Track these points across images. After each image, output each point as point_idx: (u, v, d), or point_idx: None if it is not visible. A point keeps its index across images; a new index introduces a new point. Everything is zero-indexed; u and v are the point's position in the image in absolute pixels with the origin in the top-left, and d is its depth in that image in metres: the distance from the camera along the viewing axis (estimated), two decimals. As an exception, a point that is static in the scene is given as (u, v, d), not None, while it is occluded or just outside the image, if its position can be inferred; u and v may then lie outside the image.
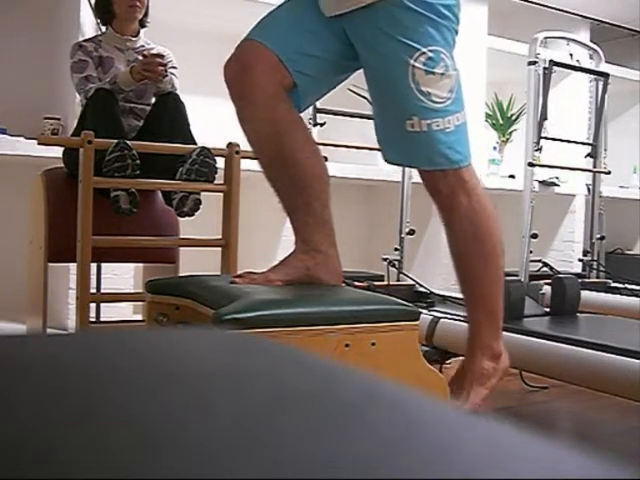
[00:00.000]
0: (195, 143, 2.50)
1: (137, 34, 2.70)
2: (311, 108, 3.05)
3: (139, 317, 2.98)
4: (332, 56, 1.71)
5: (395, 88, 1.60)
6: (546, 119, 3.52)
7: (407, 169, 3.83)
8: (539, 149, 3.55)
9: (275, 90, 1.63)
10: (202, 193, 2.46)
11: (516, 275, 3.22)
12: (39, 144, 2.36)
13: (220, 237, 2.48)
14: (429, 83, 1.58)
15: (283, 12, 1.74)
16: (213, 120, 3.87)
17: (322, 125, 3.21)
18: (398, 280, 3.63)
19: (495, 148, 4.81)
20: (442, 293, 3.29)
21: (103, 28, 2.80)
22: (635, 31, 5.29)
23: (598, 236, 4.13)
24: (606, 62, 4.14)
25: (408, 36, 1.57)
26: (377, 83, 1.68)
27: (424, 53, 1.57)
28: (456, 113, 1.62)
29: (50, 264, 2.48)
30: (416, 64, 1.56)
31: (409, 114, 1.59)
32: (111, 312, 2.94)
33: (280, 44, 1.66)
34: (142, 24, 2.72)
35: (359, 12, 1.61)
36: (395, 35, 1.57)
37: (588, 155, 4.02)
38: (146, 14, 2.71)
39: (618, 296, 3.54)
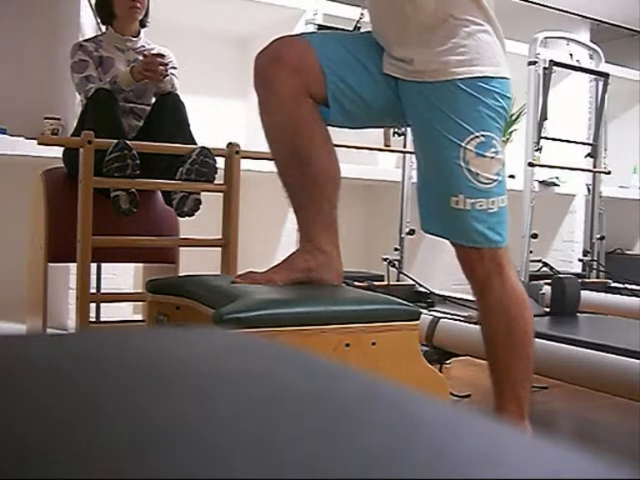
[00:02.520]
0: (195, 143, 2.50)
1: (137, 34, 2.70)
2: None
3: (139, 317, 2.97)
4: (373, 102, 1.70)
5: (444, 164, 1.61)
6: (546, 119, 3.52)
7: (407, 169, 3.83)
8: (539, 149, 3.55)
9: (301, 89, 1.62)
10: (202, 193, 2.46)
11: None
12: (39, 144, 2.36)
13: (220, 237, 2.48)
14: (478, 165, 1.60)
15: (346, 37, 1.75)
16: (213, 120, 3.88)
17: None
18: (398, 280, 3.63)
19: (495, 148, 4.80)
20: (442, 293, 3.30)
21: (103, 28, 2.80)
22: (635, 31, 5.29)
23: (598, 236, 4.14)
24: (606, 62, 4.14)
25: (462, 118, 1.59)
26: (425, 155, 1.69)
27: (477, 137, 1.59)
28: (500, 195, 1.65)
29: (50, 264, 2.48)
30: (468, 146, 1.59)
31: (455, 191, 1.61)
32: (111, 312, 2.94)
33: (328, 57, 1.65)
34: (142, 24, 2.72)
35: (418, 83, 1.63)
36: (449, 114, 1.59)
37: (588, 155, 4.02)
38: (146, 14, 2.71)
39: (618, 296, 3.55)
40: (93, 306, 2.86)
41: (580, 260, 4.29)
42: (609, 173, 4.08)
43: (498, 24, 1.66)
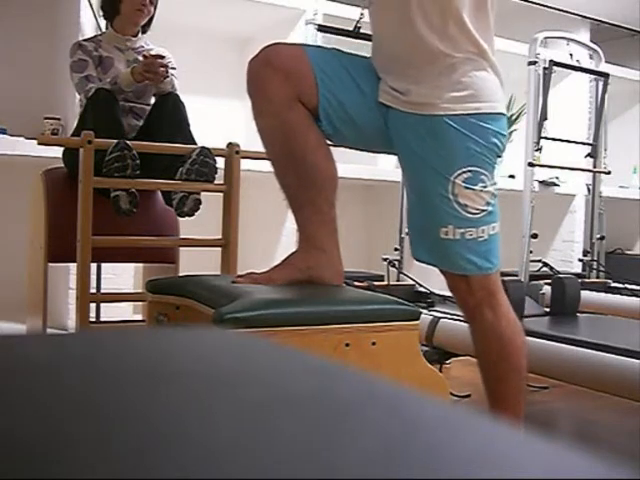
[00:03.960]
0: (195, 143, 2.50)
1: (136, 34, 2.70)
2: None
3: (139, 317, 2.98)
4: (364, 125, 1.70)
5: (432, 195, 1.62)
6: (546, 119, 3.52)
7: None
8: (539, 149, 3.55)
9: (294, 95, 1.62)
10: (202, 193, 2.46)
11: (516, 275, 3.23)
12: (39, 144, 2.36)
13: (220, 237, 2.48)
14: (467, 196, 1.60)
15: (346, 55, 1.74)
16: (213, 120, 3.88)
17: (322, 125, 3.20)
18: (398, 280, 3.63)
19: (495, 148, 4.80)
20: (442, 293, 3.29)
21: (103, 27, 2.79)
22: (635, 31, 5.29)
23: (598, 236, 4.13)
24: (606, 62, 4.14)
25: (451, 153, 1.60)
26: (414, 186, 1.70)
27: (464, 172, 1.59)
28: (491, 223, 1.64)
29: (50, 264, 2.48)
30: (456, 180, 1.59)
31: (444, 222, 1.61)
32: (111, 312, 2.94)
33: (324, 72, 1.64)
34: (143, 30, 2.72)
35: (409, 114, 1.63)
36: (437, 149, 1.60)
37: (588, 155, 4.02)
38: (149, 23, 2.71)
39: (618, 296, 3.54)
40: (93, 306, 2.86)
41: (580, 260, 4.29)
42: (609, 173, 4.08)
43: (495, 61, 1.66)
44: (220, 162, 2.46)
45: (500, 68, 1.67)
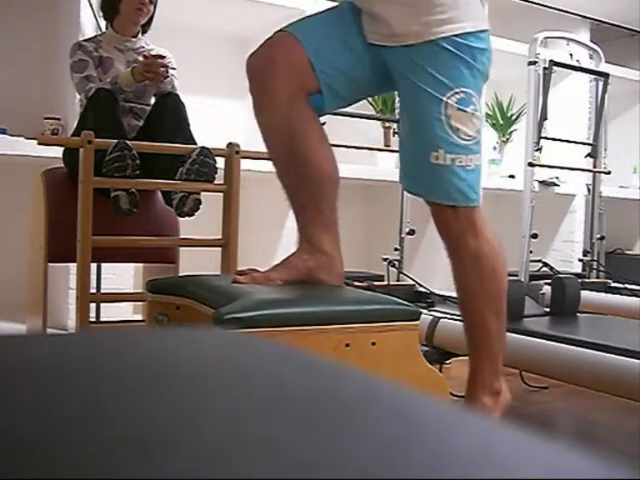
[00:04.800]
0: (195, 143, 2.50)
1: (136, 35, 2.70)
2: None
3: (139, 317, 2.97)
4: (363, 78, 1.74)
5: (426, 118, 1.65)
6: (546, 119, 3.52)
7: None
8: (539, 149, 3.55)
9: (296, 89, 1.64)
10: (202, 193, 2.46)
11: (516, 275, 3.23)
12: (39, 144, 2.36)
13: (220, 237, 2.47)
14: (459, 119, 1.63)
15: (326, 18, 1.77)
16: (213, 120, 3.88)
17: (322, 125, 3.20)
18: (398, 280, 3.63)
19: (495, 148, 4.81)
20: (442, 293, 3.29)
21: (103, 28, 2.79)
22: (635, 31, 5.29)
23: (598, 236, 4.13)
24: (606, 62, 4.14)
25: (444, 74, 1.63)
26: (409, 113, 1.72)
27: (457, 92, 1.63)
28: (477, 154, 1.68)
29: (50, 264, 2.48)
30: (449, 101, 1.62)
31: (435, 146, 1.64)
32: (111, 312, 2.94)
33: (315, 48, 1.68)
34: (143, 30, 2.72)
35: (400, 47, 1.66)
36: (432, 72, 1.63)
37: (588, 155, 4.02)
38: (149, 22, 2.71)
39: (618, 296, 3.54)
40: (93, 306, 2.86)
41: (580, 260, 4.29)
42: (609, 173, 4.08)
43: None
44: (220, 162, 2.46)
45: (500, 68, 1.68)
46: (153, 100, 2.66)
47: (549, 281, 3.08)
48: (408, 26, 1.64)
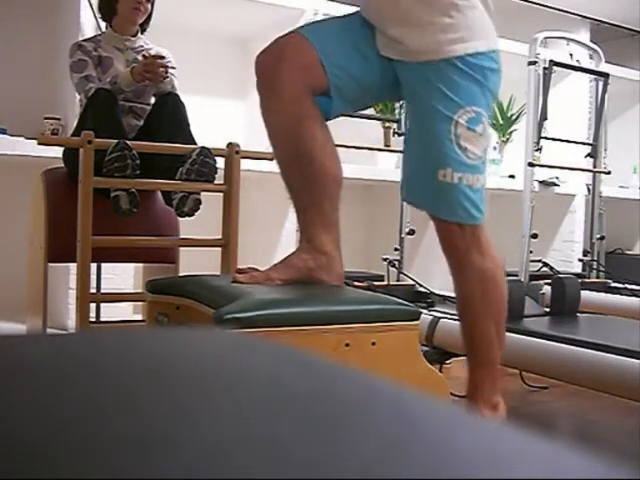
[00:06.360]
0: (195, 143, 2.50)
1: (136, 34, 2.70)
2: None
3: (139, 317, 2.97)
4: (372, 85, 1.75)
5: (435, 136, 1.65)
6: (546, 119, 3.52)
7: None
8: (539, 149, 3.55)
9: (303, 88, 1.65)
10: (202, 193, 2.46)
11: (516, 275, 3.22)
12: (39, 144, 2.36)
13: (220, 237, 2.47)
14: (468, 139, 1.64)
15: (340, 23, 1.78)
16: (213, 120, 3.88)
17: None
18: (398, 280, 3.63)
19: (495, 148, 4.81)
20: (442, 293, 3.29)
21: (103, 28, 2.79)
22: (635, 31, 5.29)
23: (598, 236, 4.13)
24: (606, 62, 4.14)
25: (456, 93, 1.64)
26: (419, 128, 1.73)
27: (468, 111, 1.64)
28: (483, 173, 1.69)
29: (50, 264, 2.48)
30: (460, 120, 1.63)
31: (443, 164, 1.64)
32: (111, 312, 2.94)
33: (327, 50, 1.68)
34: (142, 28, 2.72)
35: (414, 63, 1.67)
36: (444, 90, 1.64)
37: (588, 155, 4.02)
38: (148, 20, 2.71)
39: (618, 296, 3.54)
40: (93, 306, 2.86)
41: (580, 260, 4.29)
42: (609, 173, 4.08)
43: None
44: (220, 162, 2.46)
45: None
46: (153, 100, 2.66)
47: (549, 281, 3.08)
48: (422, 44, 1.65)
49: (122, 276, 3.10)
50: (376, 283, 3.32)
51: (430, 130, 1.67)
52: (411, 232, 3.67)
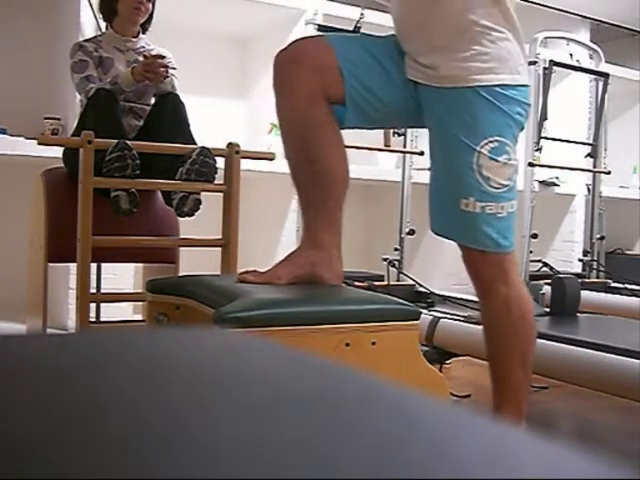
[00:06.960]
0: (195, 143, 2.50)
1: (137, 35, 2.70)
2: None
3: (139, 317, 2.97)
4: (392, 104, 1.74)
5: (457, 166, 1.65)
6: (546, 119, 3.52)
7: (407, 169, 3.83)
8: (539, 149, 3.55)
9: (317, 89, 1.65)
10: (202, 193, 2.46)
11: (516, 275, 3.22)
12: (39, 144, 2.36)
13: (220, 237, 2.47)
14: (491, 169, 1.62)
15: (368, 39, 1.78)
16: (213, 120, 3.88)
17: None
18: (398, 280, 3.63)
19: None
20: (442, 293, 3.30)
21: (103, 28, 2.79)
22: (635, 31, 5.29)
23: (598, 236, 4.13)
24: (606, 62, 4.14)
25: (479, 122, 1.63)
26: (440, 156, 1.72)
27: (491, 141, 1.62)
28: (511, 200, 1.68)
29: (50, 264, 2.48)
30: (482, 150, 1.62)
31: (466, 194, 1.64)
32: (111, 312, 2.94)
33: (348, 59, 1.68)
34: (144, 28, 2.72)
35: (440, 89, 1.67)
36: (467, 119, 1.63)
37: (588, 155, 4.02)
38: (149, 20, 2.71)
39: (618, 296, 3.54)
40: (93, 306, 2.86)
41: (580, 260, 4.29)
42: (609, 173, 4.08)
43: (520, 30, 1.69)
44: (220, 162, 2.46)
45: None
46: (153, 100, 2.66)
47: (549, 281, 3.08)
48: (451, 70, 1.64)
49: (122, 276, 3.10)
50: (376, 283, 3.32)
51: (453, 160, 1.66)
52: (411, 232, 3.67)
